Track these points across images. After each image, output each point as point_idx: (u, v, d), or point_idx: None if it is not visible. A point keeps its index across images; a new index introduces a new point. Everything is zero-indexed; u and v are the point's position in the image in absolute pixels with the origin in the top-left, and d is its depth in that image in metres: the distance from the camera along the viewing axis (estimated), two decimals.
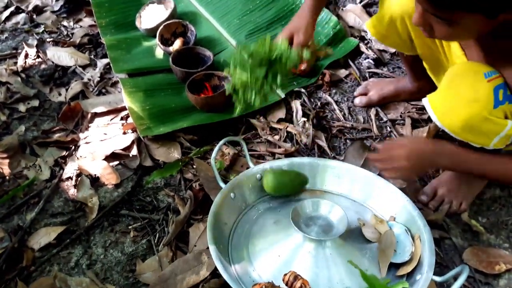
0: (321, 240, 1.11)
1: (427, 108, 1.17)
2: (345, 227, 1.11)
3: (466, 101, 1.08)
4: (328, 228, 1.15)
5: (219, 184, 1.29)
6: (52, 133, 1.68)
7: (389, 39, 1.46)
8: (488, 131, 1.10)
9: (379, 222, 1.19)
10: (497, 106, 1.06)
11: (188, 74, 1.75)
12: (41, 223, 1.37)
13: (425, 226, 1.16)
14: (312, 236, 1.10)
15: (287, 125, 1.67)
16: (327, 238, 1.11)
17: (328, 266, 1.07)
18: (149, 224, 1.35)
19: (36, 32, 2.19)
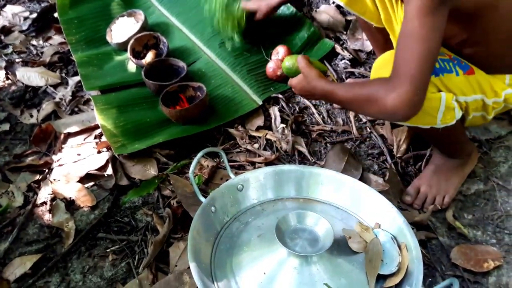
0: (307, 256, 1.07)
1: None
2: (331, 241, 1.07)
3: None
4: (314, 242, 1.11)
5: (199, 198, 1.24)
6: (25, 157, 1.62)
7: (357, 4, 1.42)
8: (428, 109, 1.10)
9: (365, 230, 1.16)
10: None
11: (162, 86, 1.71)
12: (15, 253, 1.31)
13: (412, 234, 1.12)
14: (296, 252, 1.06)
15: (266, 133, 1.63)
16: (312, 254, 1.07)
17: (314, 283, 1.03)
18: (127, 246, 1.30)
19: (5, 53, 2.14)
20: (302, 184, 1.33)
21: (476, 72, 1.17)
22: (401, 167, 1.49)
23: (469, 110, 1.20)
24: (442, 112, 1.12)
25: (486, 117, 1.24)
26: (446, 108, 1.11)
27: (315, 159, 1.54)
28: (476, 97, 1.17)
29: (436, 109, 1.11)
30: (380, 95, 1.01)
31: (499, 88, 1.19)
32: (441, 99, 1.10)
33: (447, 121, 1.14)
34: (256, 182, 1.31)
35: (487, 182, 1.44)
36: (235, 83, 1.81)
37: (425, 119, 1.14)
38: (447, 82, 1.12)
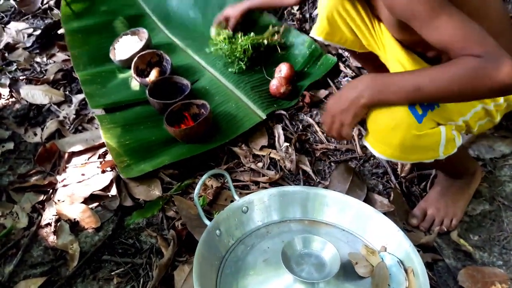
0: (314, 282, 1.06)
1: (368, 147, 1.16)
2: (338, 267, 1.06)
3: (390, 129, 1.07)
4: (320, 267, 1.10)
5: (204, 222, 1.24)
6: (29, 176, 1.62)
7: (335, 36, 1.44)
8: (429, 145, 1.09)
9: (371, 253, 1.15)
10: (421, 120, 1.05)
11: (166, 105, 1.72)
12: (20, 276, 1.31)
13: (418, 258, 1.11)
14: (303, 278, 1.05)
15: (270, 151, 1.63)
16: (319, 280, 1.06)
17: None
18: (132, 269, 1.29)
19: (9, 70, 2.15)
20: (307, 206, 1.32)
21: None
22: (405, 187, 1.48)
23: (471, 125, 1.19)
24: (443, 145, 1.11)
25: (493, 120, 1.23)
26: (446, 141, 1.10)
27: (319, 178, 1.54)
28: (475, 109, 1.16)
29: (437, 144, 1.10)
30: (490, 72, 0.92)
31: None
32: (441, 134, 1.09)
33: (449, 151, 1.13)
34: (260, 204, 1.31)
35: (492, 202, 1.43)
36: (238, 99, 1.82)
37: (428, 155, 1.13)
38: (444, 112, 1.10)
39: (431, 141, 1.09)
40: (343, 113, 1.08)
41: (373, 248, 1.20)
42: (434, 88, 0.98)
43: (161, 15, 2.33)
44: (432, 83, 0.98)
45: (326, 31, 1.44)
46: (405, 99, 1.02)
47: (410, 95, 1.01)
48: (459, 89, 0.96)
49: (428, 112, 1.07)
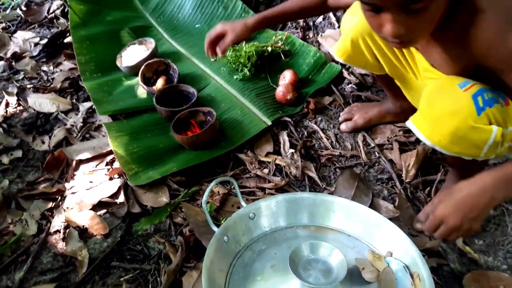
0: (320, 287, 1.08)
1: (413, 129, 1.16)
2: (345, 272, 1.08)
3: (449, 113, 1.07)
4: (327, 273, 1.11)
5: (212, 228, 1.25)
6: (37, 184, 1.64)
7: (356, 59, 1.46)
8: (477, 140, 1.08)
9: (377, 259, 1.17)
10: (480, 113, 1.05)
11: (173, 112, 1.74)
12: (30, 282, 1.32)
13: (424, 264, 1.13)
14: (310, 284, 1.07)
15: (276, 158, 1.65)
16: (327, 285, 1.08)
17: None
18: (141, 274, 1.31)
19: (16, 79, 2.17)
20: (314, 212, 1.33)
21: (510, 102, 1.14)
22: (410, 192, 1.50)
23: (504, 142, 1.14)
24: (489, 146, 1.08)
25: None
26: (493, 143, 1.07)
27: (325, 184, 1.56)
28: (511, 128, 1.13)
29: (484, 142, 1.08)
30: None
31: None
32: (492, 133, 1.06)
33: (489, 155, 1.11)
34: (267, 210, 1.33)
35: (496, 207, 1.45)
36: (244, 106, 1.84)
37: (471, 151, 1.11)
38: (496, 114, 1.08)
39: (480, 138, 1.07)
40: (472, 220, 1.02)
41: (379, 253, 1.21)
42: None
43: (167, 27, 2.37)
44: None
45: (348, 53, 1.44)
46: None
47: None
48: None
49: (487, 108, 1.05)
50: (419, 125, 1.14)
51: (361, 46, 1.40)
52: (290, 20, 2.17)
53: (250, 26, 1.57)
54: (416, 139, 1.65)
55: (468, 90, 1.06)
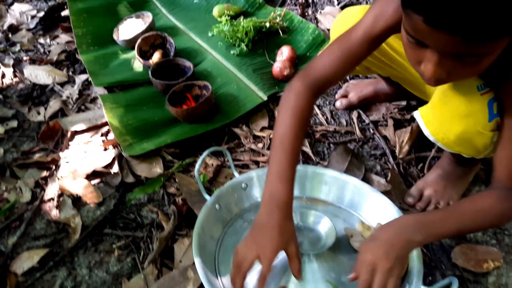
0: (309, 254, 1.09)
1: (419, 122, 1.15)
2: (334, 240, 1.09)
3: (461, 115, 1.04)
4: (316, 241, 1.13)
5: (204, 197, 1.26)
6: (32, 153, 1.65)
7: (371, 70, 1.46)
8: (480, 145, 1.07)
9: (366, 229, 1.18)
10: (492, 120, 1.01)
11: (169, 86, 1.74)
12: (23, 247, 1.33)
13: None
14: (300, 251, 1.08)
15: (270, 133, 1.65)
16: (315, 252, 1.09)
17: (316, 280, 1.04)
18: (133, 242, 1.32)
19: (12, 51, 2.17)
20: (305, 184, 1.34)
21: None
22: (403, 168, 1.51)
23: None
24: (488, 150, 1.08)
25: None
26: (490, 144, 1.07)
27: (318, 159, 1.56)
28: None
29: (486, 147, 1.08)
30: (506, 210, 0.99)
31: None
32: (494, 138, 1.05)
33: (490, 155, 1.11)
34: (260, 181, 1.33)
35: (488, 184, 1.45)
36: (240, 81, 1.84)
37: (471, 152, 1.11)
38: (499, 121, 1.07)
39: (484, 143, 1.06)
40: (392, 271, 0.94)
41: (369, 224, 1.23)
42: (475, 229, 1.13)
43: (165, 1, 2.35)
44: (475, 226, 1.04)
45: None
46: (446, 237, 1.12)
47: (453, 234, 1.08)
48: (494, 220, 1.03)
49: (499, 117, 1.02)
50: (426, 119, 1.13)
51: None
52: None
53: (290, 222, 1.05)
54: (411, 117, 1.65)
55: (486, 94, 1.00)
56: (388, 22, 1.03)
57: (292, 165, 1.04)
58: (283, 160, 1.03)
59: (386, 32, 1.05)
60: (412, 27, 0.81)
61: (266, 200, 1.02)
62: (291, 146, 1.04)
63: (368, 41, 1.06)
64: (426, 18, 0.76)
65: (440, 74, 0.85)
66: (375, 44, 1.08)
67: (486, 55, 0.81)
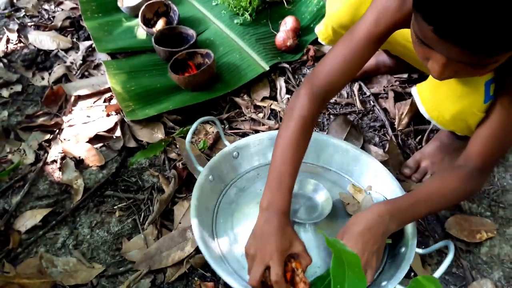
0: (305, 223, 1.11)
1: (415, 98, 1.17)
2: (330, 209, 1.12)
3: (457, 96, 1.06)
4: (313, 209, 1.15)
5: (197, 168, 1.27)
6: (36, 117, 1.67)
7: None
8: (473, 125, 1.08)
9: (358, 191, 1.20)
10: (487, 101, 1.02)
11: (172, 53, 1.74)
12: (26, 206, 1.37)
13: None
14: (295, 219, 1.10)
15: (271, 103, 1.67)
16: (311, 221, 1.11)
17: (312, 248, 1.06)
18: (134, 203, 1.35)
19: (17, 16, 2.16)
20: None
21: None
22: (401, 140, 1.52)
23: None
24: None
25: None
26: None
27: (318, 129, 1.58)
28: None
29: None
30: (468, 190, 1.06)
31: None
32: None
33: None
34: (250, 148, 1.35)
35: None
36: (243, 50, 1.84)
37: (464, 131, 1.13)
38: None
39: (476, 122, 1.07)
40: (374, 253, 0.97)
41: (360, 186, 1.25)
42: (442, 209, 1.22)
43: None
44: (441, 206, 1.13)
45: (330, 38, 1.45)
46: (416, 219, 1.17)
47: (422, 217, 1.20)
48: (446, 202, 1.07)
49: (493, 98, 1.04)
50: (423, 96, 1.15)
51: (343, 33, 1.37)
52: None
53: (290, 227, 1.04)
54: None
55: (485, 75, 1.00)
56: (392, 20, 1.01)
57: (292, 176, 1.04)
58: (283, 171, 1.03)
59: (390, 30, 1.04)
60: (422, 33, 0.81)
61: (264, 208, 1.01)
62: (292, 158, 1.04)
63: (372, 41, 1.04)
64: (436, 28, 0.76)
65: (448, 74, 0.86)
66: (379, 43, 1.06)
67: (495, 63, 0.81)
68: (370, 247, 0.95)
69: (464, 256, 1.25)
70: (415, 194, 1.03)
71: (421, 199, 1.02)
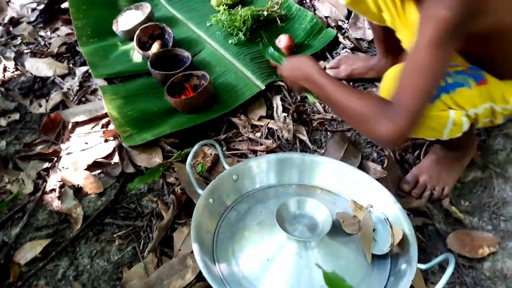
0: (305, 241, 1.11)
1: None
2: (330, 226, 1.12)
3: None
4: (313, 228, 1.15)
5: (197, 191, 1.28)
6: (34, 145, 1.67)
7: (360, 5, 1.43)
8: (435, 125, 1.11)
9: (358, 209, 1.20)
10: (434, 100, 1.08)
11: (167, 76, 1.75)
12: (26, 238, 1.37)
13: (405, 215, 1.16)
14: (295, 237, 1.10)
15: (268, 122, 1.67)
16: (311, 239, 1.11)
17: (310, 267, 1.07)
18: (133, 231, 1.35)
19: (14, 44, 2.18)
20: (293, 171, 1.37)
21: (489, 81, 1.15)
22: (399, 155, 1.52)
23: (479, 119, 1.18)
24: (449, 129, 1.12)
25: (494, 121, 1.23)
26: (453, 125, 1.12)
27: (315, 147, 1.57)
28: (485, 106, 1.15)
29: (443, 126, 1.12)
30: (374, 118, 1.01)
31: (509, 95, 1.17)
32: (449, 117, 1.11)
33: (453, 135, 1.15)
34: (250, 171, 1.36)
35: (484, 169, 1.47)
36: (238, 70, 1.84)
37: (431, 134, 1.15)
38: (457, 98, 1.11)
39: (438, 123, 1.10)
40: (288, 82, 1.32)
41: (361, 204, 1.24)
42: (335, 102, 1.11)
43: None
44: (337, 99, 1.10)
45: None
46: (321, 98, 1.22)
47: (323, 98, 1.19)
48: (349, 115, 1.09)
49: (442, 95, 1.08)
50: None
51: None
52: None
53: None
54: None
55: None
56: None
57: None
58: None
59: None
60: None
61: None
62: None
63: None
64: None
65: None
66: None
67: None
68: (288, 74, 1.29)
69: (466, 273, 1.24)
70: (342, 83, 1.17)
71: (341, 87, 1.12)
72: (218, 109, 1.69)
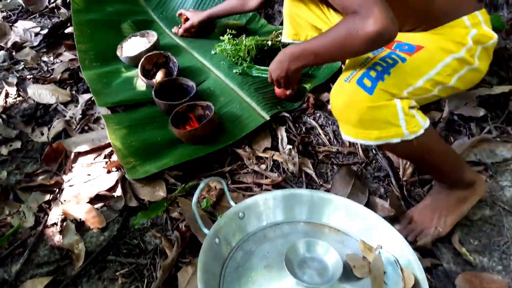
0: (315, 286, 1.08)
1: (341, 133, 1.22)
2: (341, 271, 1.08)
3: (346, 107, 1.13)
4: (323, 272, 1.12)
5: (203, 230, 1.25)
6: (36, 175, 1.65)
7: (301, 35, 1.68)
8: (387, 117, 1.11)
9: (368, 250, 1.17)
10: (372, 92, 1.10)
11: (172, 106, 1.74)
12: (27, 275, 1.33)
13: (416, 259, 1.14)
14: (305, 283, 1.07)
15: (273, 153, 1.65)
16: (321, 285, 1.08)
17: None
18: (137, 269, 1.32)
19: (16, 69, 2.17)
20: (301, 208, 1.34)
21: (427, 42, 1.19)
22: (406, 190, 1.50)
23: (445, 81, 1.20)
24: (403, 120, 1.11)
25: (475, 68, 1.22)
26: (405, 115, 1.11)
27: (322, 181, 1.56)
28: (443, 64, 1.18)
29: (395, 116, 1.11)
30: (358, 26, 1.03)
31: (460, 36, 1.19)
32: (397, 106, 1.11)
33: (414, 130, 1.13)
34: (256, 208, 1.32)
35: (493, 207, 1.45)
36: (243, 100, 1.84)
37: (390, 130, 1.12)
38: (395, 79, 1.14)
39: (387, 113, 1.11)
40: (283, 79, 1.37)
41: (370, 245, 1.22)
42: (324, 50, 1.16)
43: (169, 22, 2.37)
44: (322, 47, 1.16)
45: (292, 32, 1.68)
46: (315, 62, 1.29)
47: (317, 58, 1.21)
48: (341, 47, 1.10)
49: (378, 83, 1.11)
50: (340, 127, 1.21)
51: (298, 21, 1.64)
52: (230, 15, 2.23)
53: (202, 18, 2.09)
54: None
55: (352, 79, 1.13)
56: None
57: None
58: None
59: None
60: None
61: None
62: None
63: None
64: None
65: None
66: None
67: None
68: (279, 72, 1.35)
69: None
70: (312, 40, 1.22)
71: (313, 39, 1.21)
72: (223, 140, 1.68)
